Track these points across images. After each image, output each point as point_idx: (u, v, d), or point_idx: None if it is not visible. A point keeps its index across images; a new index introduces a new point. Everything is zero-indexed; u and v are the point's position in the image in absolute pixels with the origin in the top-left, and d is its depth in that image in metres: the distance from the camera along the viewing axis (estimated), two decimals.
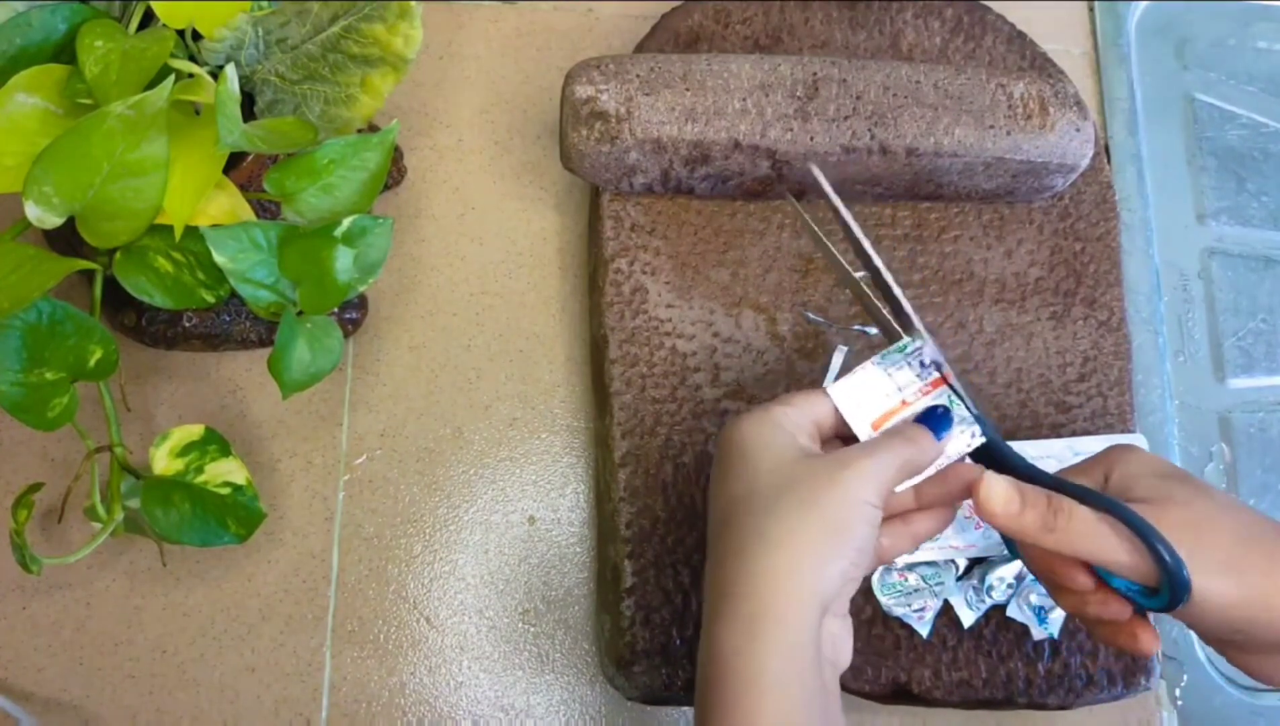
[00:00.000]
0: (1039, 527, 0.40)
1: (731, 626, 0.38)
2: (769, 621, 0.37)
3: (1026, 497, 0.40)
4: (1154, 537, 0.38)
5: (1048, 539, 0.40)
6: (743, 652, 0.37)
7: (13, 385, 0.43)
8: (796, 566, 0.38)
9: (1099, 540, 0.39)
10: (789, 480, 0.40)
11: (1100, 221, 0.61)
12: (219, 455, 0.47)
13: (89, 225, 0.42)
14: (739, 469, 0.41)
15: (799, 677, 0.37)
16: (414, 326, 0.59)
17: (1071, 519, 0.40)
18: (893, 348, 0.45)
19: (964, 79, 0.56)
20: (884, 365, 0.44)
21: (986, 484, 0.41)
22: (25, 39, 0.43)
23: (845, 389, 0.44)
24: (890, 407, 0.44)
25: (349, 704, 0.53)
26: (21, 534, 0.45)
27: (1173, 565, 0.38)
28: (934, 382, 0.44)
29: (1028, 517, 0.40)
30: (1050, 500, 0.40)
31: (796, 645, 0.37)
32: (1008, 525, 0.40)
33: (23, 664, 0.51)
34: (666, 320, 0.55)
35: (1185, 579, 0.38)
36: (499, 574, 0.55)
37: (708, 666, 0.38)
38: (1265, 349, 0.65)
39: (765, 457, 0.41)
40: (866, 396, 0.44)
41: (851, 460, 0.40)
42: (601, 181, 0.56)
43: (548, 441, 0.58)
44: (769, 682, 0.36)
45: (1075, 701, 0.52)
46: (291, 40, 0.47)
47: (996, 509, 0.40)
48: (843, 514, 0.39)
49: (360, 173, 0.48)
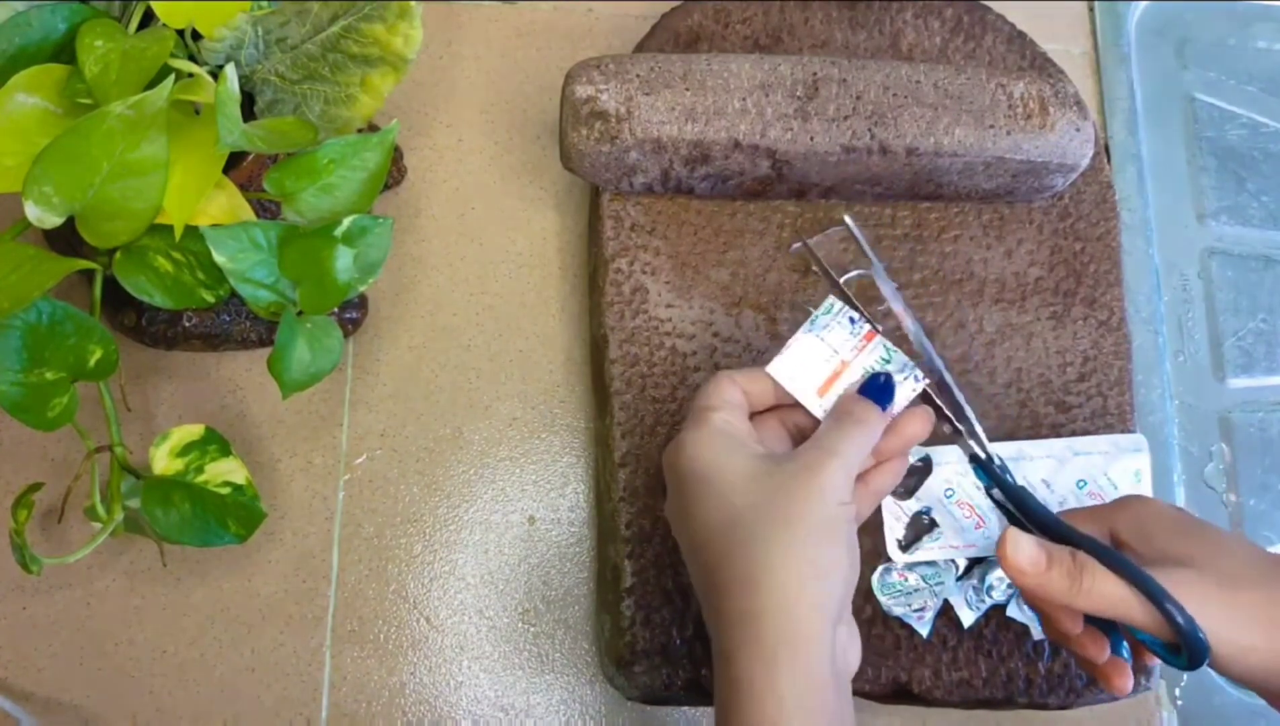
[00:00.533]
0: (1064, 588, 0.40)
1: (749, 658, 0.37)
2: (788, 647, 0.37)
3: (1053, 557, 0.40)
4: (1167, 601, 0.38)
5: (1075, 599, 0.40)
6: (761, 681, 0.37)
7: (13, 385, 0.43)
8: (804, 585, 0.38)
9: (1123, 601, 0.39)
10: (765, 498, 0.40)
11: (1100, 221, 0.61)
12: (219, 455, 0.47)
13: (89, 225, 0.42)
14: (705, 495, 0.41)
15: (820, 700, 0.37)
16: (414, 326, 0.59)
17: (1095, 579, 0.40)
18: (819, 312, 0.46)
19: (964, 79, 0.56)
20: (814, 331, 0.45)
21: (1013, 542, 0.41)
22: (25, 38, 0.43)
23: (784, 364, 0.45)
24: (832, 370, 0.45)
25: (349, 703, 0.53)
26: (21, 534, 0.45)
27: (1187, 629, 0.38)
28: (867, 336, 0.45)
29: (1054, 577, 0.40)
30: (1075, 558, 0.40)
31: (815, 666, 0.37)
32: (1034, 584, 0.41)
33: (23, 664, 0.51)
34: (666, 320, 0.55)
35: (1202, 641, 0.38)
36: (499, 573, 0.55)
37: (729, 697, 0.38)
38: (1265, 349, 0.65)
39: (729, 479, 0.41)
40: (806, 367, 0.45)
41: (819, 465, 0.40)
42: (601, 181, 0.56)
43: (548, 441, 0.58)
44: (792, 709, 0.36)
45: (1075, 701, 0.52)
46: (291, 40, 0.47)
47: (1025, 567, 0.40)
48: (828, 522, 0.39)
49: (360, 172, 0.48)
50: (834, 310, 0.46)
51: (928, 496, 0.53)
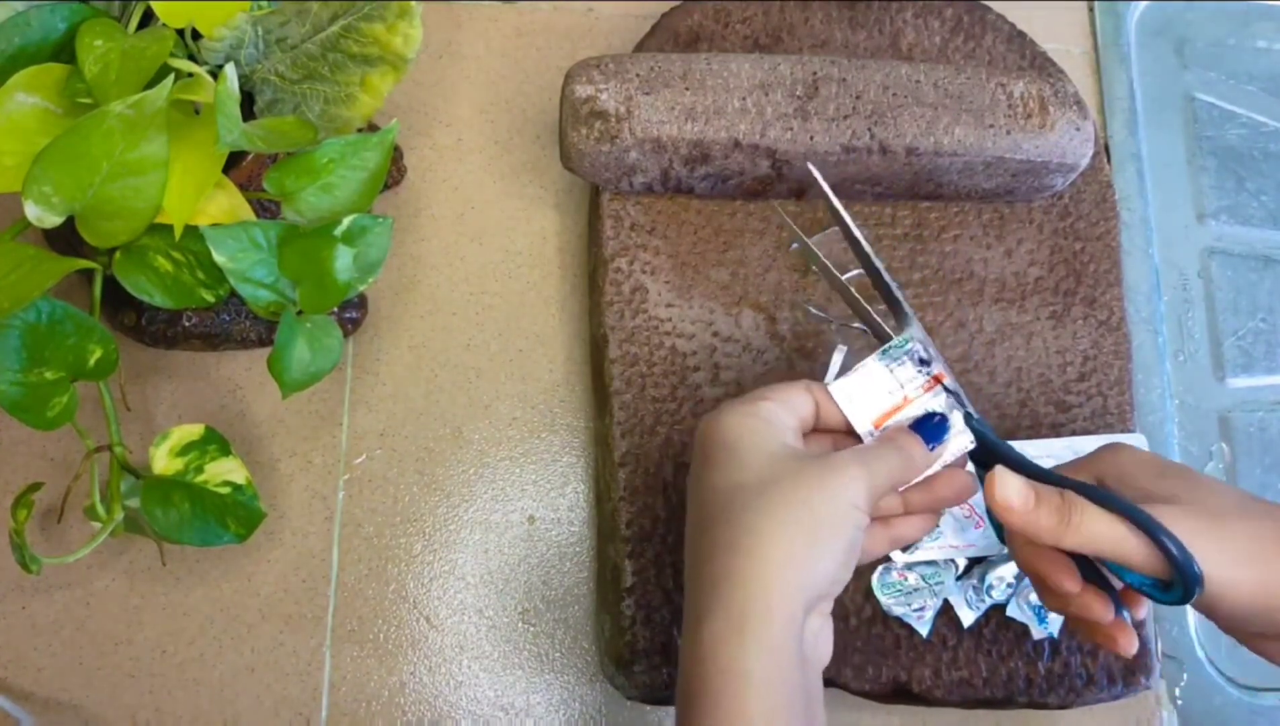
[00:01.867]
0: (1054, 524, 0.39)
1: (719, 622, 0.37)
2: (756, 618, 0.37)
3: (1040, 494, 0.40)
4: (1161, 533, 0.38)
5: (1063, 536, 0.39)
6: (728, 649, 0.36)
7: (12, 384, 0.43)
8: (786, 562, 0.37)
9: (1113, 537, 0.39)
10: (778, 477, 0.39)
11: (1100, 221, 0.61)
12: (219, 454, 0.47)
13: (88, 224, 0.42)
14: (724, 462, 0.40)
15: (782, 676, 0.36)
16: (414, 326, 0.59)
17: (1085, 516, 0.39)
18: (894, 343, 0.44)
19: (964, 78, 0.56)
20: (885, 361, 0.44)
21: (1001, 479, 0.40)
22: (24, 38, 0.43)
23: (847, 386, 0.44)
24: (893, 404, 0.43)
25: (348, 703, 0.53)
26: (21, 533, 0.45)
27: (1182, 560, 0.37)
28: (935, 377, 0.44)
29: (1042, 514, 0.40)
30: (1064, 496, 0.40)
31: (781, 642, 0.37)
32: (1022, 522, 0.40)
33: (23, 663, 0.51)
34: (666, 319, 0.55)
35: (1196, 572, 0.38)
36: (499, 573, 0.55)
37: (691, 662, 0.38)
38: (1265, 348, 0.65)
39: (753, 452, 0.40)
40: (868, 394, 0.44)
41: (843, 465, 0.40)
42: (601, 181, 0.56)
43: (547, 441, 0.58)
44: (754, 680, 0.36)
45: (1075, 700, 0.53)
46: (291, 39, 0.47)
47: (1012, 503, 0.40)
48: (832, 516, 0.39)
49: (360, 172, 0.48)
50: (907, 345, 0.44)
51: None
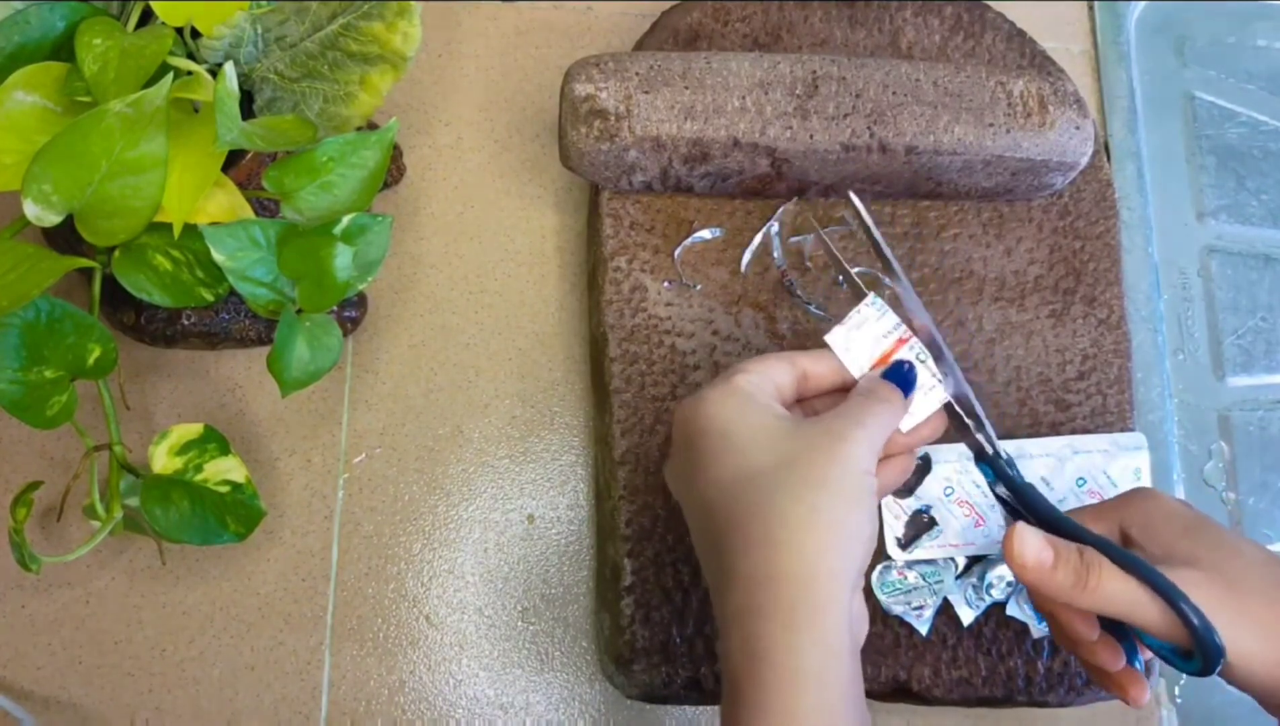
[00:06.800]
0: (1071, 585, 0.39)
1: (770, 622, 0.36)
2: (807, 609, 0.36)
3: (1059, 553, 0.39)
4: (1182, 602, 0.37)
5: (1079, 598, 0.39)
6: (780, 644, 0.36)
7: (12, 383, 0.43)
8: (825, 550, 0.37)
9: (1131, 600, 0.38)
10: (788, 457, 0.38)
11: (1100, 219, 0.61)
12: (218, 453, 0.47)
13: (88, 223, 0.42)
14: (721, 451, 0.39)
15: (837, 667, 0.36)
16: (413, 324, 0.59)
17: (1104, 578, 0.38)
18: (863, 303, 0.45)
19: (963, 77, 0.56)
20: (878, 308, 0.44)
21: (1020, 537, 0.39)
22: (23, 36, 0.43)
23: (841, 336, 0.44)
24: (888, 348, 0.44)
25: (348, 702, 0.53)
26: (20, 532, 0.45)
27: (1203, 630, 0.36)
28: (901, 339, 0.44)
29: (1060, 574, 0.39)
30: (1082, 555, 0.39)
31: (835, 634, 0.36)
32: (1038, 581, 0.39)
33: (22, 663, 0.51)
34: (666, 318, 0.55)
35: (1217, 645, 0.36)
36: (498, 572, 0.55)
37: (742, 659, 0.37)
38: (1265, 347, 0.65)
39: (750, 434, 0.39)
40: (865, 338, 0.44)
41: (846, 432, 0.39)
42: (601, 179, 0.56)
43: (547, 439, 0.58)
44: (809, 674, 0.35)
45: (1075, 699, 0.53)
46: (290, 38, 0.47)
47: (1028, 563, 0.39)
48: (854, 488, 0.38)
49: (359, 171, 0.48)
50: (877, 303, 0.44)
51: (927, 495, 0.53)
